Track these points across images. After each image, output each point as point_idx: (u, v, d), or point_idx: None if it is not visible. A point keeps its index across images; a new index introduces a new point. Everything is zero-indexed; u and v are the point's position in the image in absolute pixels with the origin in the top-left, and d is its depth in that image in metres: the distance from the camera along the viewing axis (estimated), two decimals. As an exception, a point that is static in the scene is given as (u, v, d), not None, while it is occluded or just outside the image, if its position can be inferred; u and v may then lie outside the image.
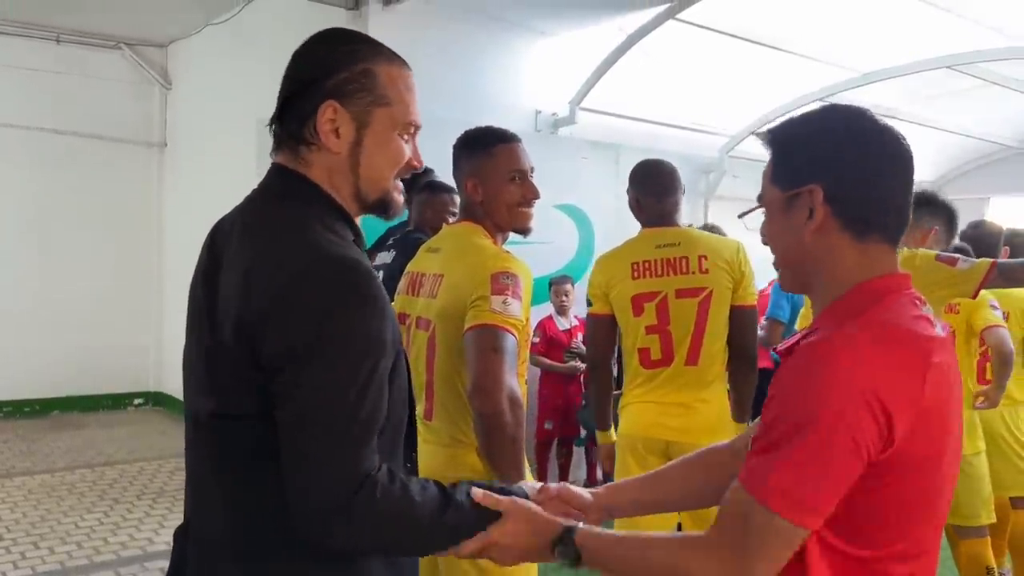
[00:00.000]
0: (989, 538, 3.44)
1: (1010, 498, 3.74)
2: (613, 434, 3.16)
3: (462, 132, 2.26)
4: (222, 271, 1.32)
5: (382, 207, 1.43)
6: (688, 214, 3.35)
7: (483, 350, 1.90)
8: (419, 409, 2.18)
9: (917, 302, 1.25)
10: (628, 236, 3.24)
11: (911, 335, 1.18)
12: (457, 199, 2.92)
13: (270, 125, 1.39)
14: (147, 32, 7.33)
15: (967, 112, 7.18)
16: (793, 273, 1.34)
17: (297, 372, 1.21)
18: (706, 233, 3.20)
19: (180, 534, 1.41)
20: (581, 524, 1.35)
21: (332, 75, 1.35)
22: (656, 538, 1.31)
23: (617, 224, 5.76)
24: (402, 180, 1.45)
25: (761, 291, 3.60)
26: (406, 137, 1.42)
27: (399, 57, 1.45)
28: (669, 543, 1.28)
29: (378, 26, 4.86)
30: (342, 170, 1.37)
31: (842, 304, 1.25)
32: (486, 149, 2.16)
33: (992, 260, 2.63)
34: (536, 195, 2.18)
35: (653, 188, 3.15)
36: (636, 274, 3.06)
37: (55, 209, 7.40)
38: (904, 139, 1.27)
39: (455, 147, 2.24)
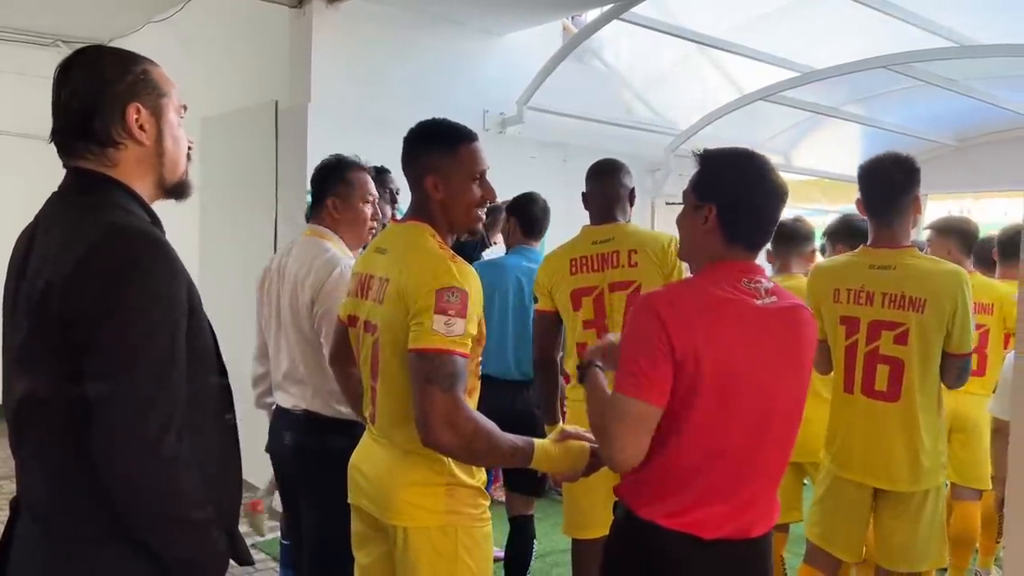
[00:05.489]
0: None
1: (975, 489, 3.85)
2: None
3: (416, 124, 2.13)
4: (31, 262, 1.47)
5: (180, 189, 1.64)
6: (635, 212, 3.39)
7: (419, 380, 1.86)
8: (366, 411, 2.18)
9: (743, 279, 1.87)
10: (576, 234, 3.29)
11: (701, 290, 1.85)
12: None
13: (51, 139, 1.54)
14: (86, 30, 7.14)
15: (904, 111, 7.36)
16: (686, 250, 2.00)
17: (96, 332, 1.35)
18: (641, 228, 3.25)
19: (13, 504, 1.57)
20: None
21: (122, 81, 1.52)
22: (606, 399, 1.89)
23: (566, 223, 5.79)
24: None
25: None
26: (183, 117, 1.64)
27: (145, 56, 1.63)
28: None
29: (322, 24, 4.81)
30: (150, 159, 1.56)
31: (698, 272, 1.94)
32: (452, 147, 2.06)
33: None
34: (495, 197, 2.14)
35: (591, 186, 3.23)
36: (574, 269, 3.13)
37: (-9, 211, 7.20)
38: (781, 183, 1.92)
39: (411, 140, 2.11)
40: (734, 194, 1.90)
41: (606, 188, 3.23)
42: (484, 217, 2.17)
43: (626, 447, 1.78)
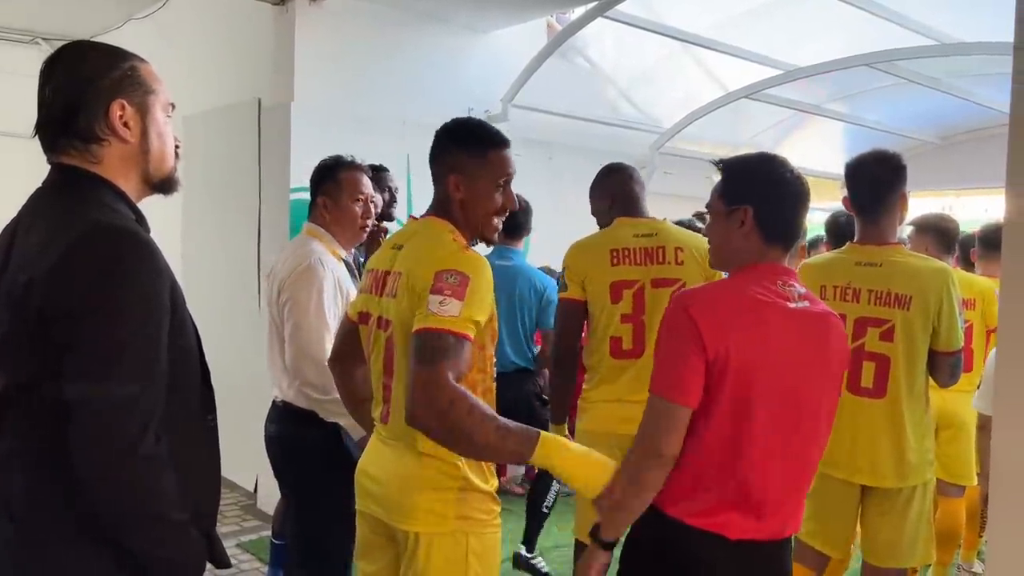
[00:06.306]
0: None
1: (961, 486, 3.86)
2: (565, 428, 3.16)
3: (449, 120, 2.09)
4: (13, 257, 1.45)
5: (167, 185, 1.63)
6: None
7: (411, 358, 1.80)
8: (376, 411, 2.12)
9: (779, 281, 1.89)
10: (562, 232, 3.26)
11: (739, 290, 1.87)
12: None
13: (35, 134, 1.53)
14: (65, 27, 7.08)
15: (887, 109, 7.39)
16: (722, 257, 2.01)
17: (79, 330, 1.34)
18: (678, 227, 3.23)
19: None
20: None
21: (107, 77, 1.50)
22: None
23: (552, 220, 5.80)
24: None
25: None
26: (170, 116, 1.62)
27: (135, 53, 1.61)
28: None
29: (305, 22, 4.77)
30: (134, 156, 1.54)
31: (735, 273, 1.95)
32: (482, 152, 2.03)
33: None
34: (515, 206, 2.11)
35: (606, 185, 3.20)
36: (615, 260, 3.05)
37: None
38: (805, 181, 1.94)
39: (441, 136, 2.07)
40: (768, 194, 1.92)
41: (622, 184, 3.20)
42: (500, 227, 2.12)
43: (667, 445, 1.80)
